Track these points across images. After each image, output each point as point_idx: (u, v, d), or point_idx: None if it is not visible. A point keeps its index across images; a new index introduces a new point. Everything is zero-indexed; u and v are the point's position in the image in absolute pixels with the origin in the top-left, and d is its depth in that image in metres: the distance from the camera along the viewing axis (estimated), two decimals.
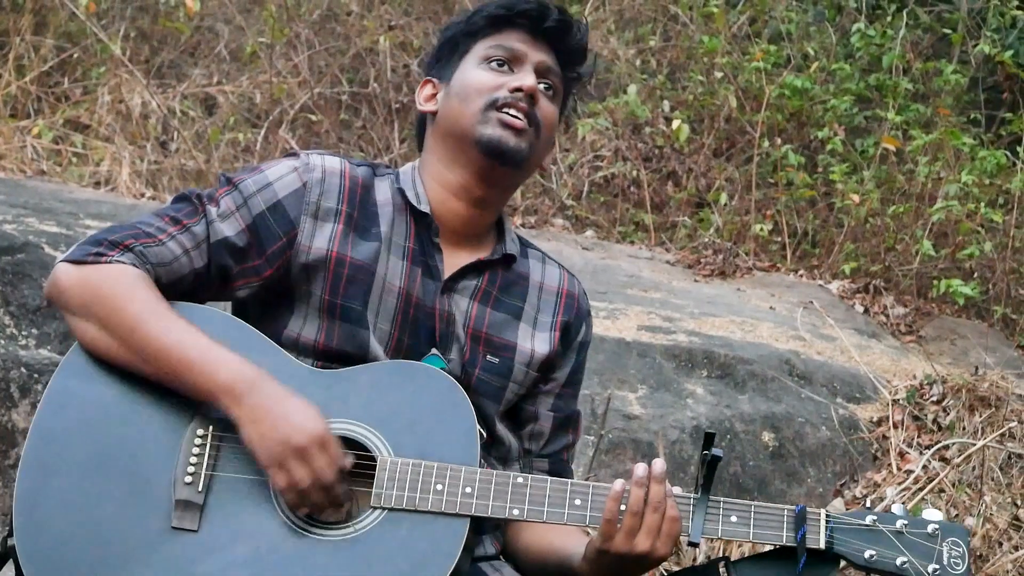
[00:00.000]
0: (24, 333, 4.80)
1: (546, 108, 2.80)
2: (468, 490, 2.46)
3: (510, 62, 2.80)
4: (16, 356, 4.65)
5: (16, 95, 8.18)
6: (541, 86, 2.79)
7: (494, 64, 2.80)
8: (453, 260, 2.78)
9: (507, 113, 2.72)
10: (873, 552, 2.50)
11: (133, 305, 2.49)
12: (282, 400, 2.44)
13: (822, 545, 2.51)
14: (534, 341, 2.82)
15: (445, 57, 2.90)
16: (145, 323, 2.47)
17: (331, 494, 2.42)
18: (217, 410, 2.47)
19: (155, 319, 2.48)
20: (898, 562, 2.50)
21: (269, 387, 2.45)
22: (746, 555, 2.74)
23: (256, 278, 2.66)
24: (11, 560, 2.40)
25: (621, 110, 8.69)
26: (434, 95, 2.87)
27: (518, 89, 2.74)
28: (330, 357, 2.63)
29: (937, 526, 2.52)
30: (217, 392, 2.44)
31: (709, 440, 2.51)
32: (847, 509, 5.27)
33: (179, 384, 2.47)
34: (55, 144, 7.90)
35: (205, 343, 2.48)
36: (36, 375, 4.55)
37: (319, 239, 2.67)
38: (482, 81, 2.77)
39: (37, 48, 8.47)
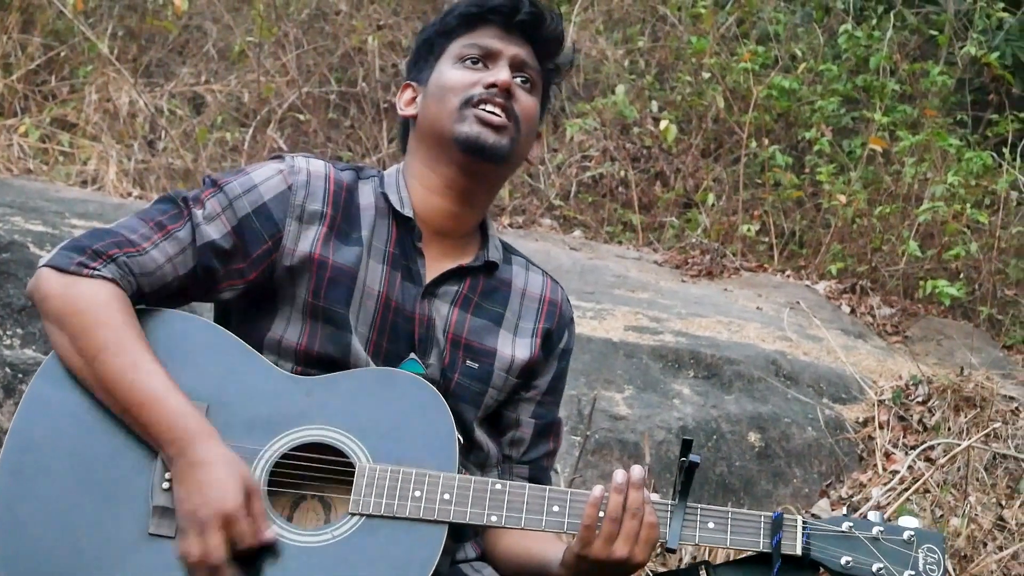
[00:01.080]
0: (9, 333, 4.79)
1: (524, 101, 2.80)
2: (446, 496, 2.46)
3: (484, 59, 2.80)
4: (0, 356, 4.64)
5: (3, 93, 8.16)
6: (517, 80, 2.79)
7: (468, 62, 2.80)
8: (435, 265, 2.77)
9: (484, 109, 2.72)
10: (849, 559, 2.51)
11: (102, 331, 2.48)
12: (207, 467, 2.39)
13: (799, 551, 2.51)
14: (514, 347, 2.82)
15: (422, 60, 2.90)
16: (107, 353, 2.46)
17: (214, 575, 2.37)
18: None
19: (118, 352, 2.47)
20: (874, 568, 2.51)
21: (205, 449, 2.41)
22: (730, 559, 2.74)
23: (241, 280, 2.66)
24: None
25: (609, 110, 8.71)
26: (413, 99, 2.88)
27: (493, 85, 2.73)
28: (312, 360, 2.62)
29: (913, 533, 2.53)
30: (159, 443, 2.43)
31: (687, 446, 2.52)
32: (833, 509, 5.28)
33: (129, 421, 2.46)
34: (42, 143, 7.88)
35: (158, 390, 2.45)
36: (21, 375, 4.54)
37: (303, 242, 2.66)
38: (457, 79, 2.77)
39: (24, 46, 8.45)
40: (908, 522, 2.55)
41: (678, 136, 8.55)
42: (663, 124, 8.36)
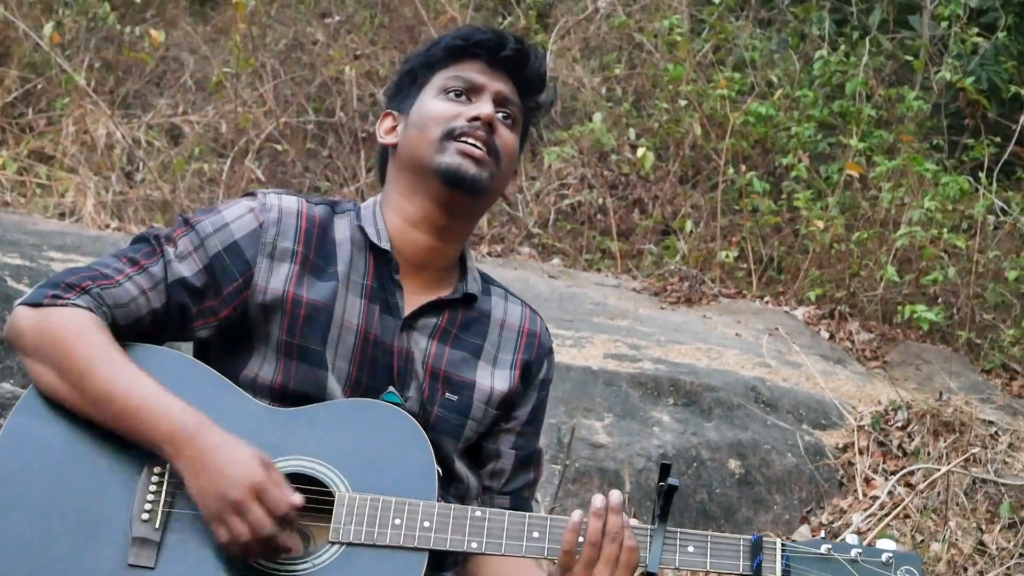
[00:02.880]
0: None
1: (505, 137, 2.80)
2: (426, 524, 2.46)
3: (468, 92, 2.80)
4: None
5: None
6: (499, 115, 2.79)
7: (452, 94, 2.80)
8: (414, 298, 2.77)
9: (465, 142, 2.72)
10: None
11: (84, 350, 2.48)
12: (220, 450, 2.41)
13: (779, 574, 2.52)
14: (493, 379, 2.81)
15: (404, 89, 2.90)
16: (94, 368, 2.47)
17: (271, 545, 2.40)
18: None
19: (104, 365, 2.47)
20: None
21: (209, 436, 2.43)
22: None
23: (214, 318, 2.66)
24: None
25: (587, 138, 8.73)
26: (394, 127, 2.87)
27: (476, 118, 2.74)
28: (287, 397, 2.62)
29: (891, 555, 2.55)
30: (159, 441, 2.43)
31: (665, 471, 2.54)
32: (813, 535, 5.27)
33: (124, 431, 2.46)
34: (19, 175, 7.87)
35: (151, 391, 2.47)
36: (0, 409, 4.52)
37: (275, 280, 2.66)
38: (440, 111, 2.77)
39: (1, 79, 8.46)
40: (886, 544, 2.57)
41: (656, 163, 8.57)
42: (640, 151, 8.37)
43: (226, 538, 2.39)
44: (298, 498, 2.42)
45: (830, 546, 2.55)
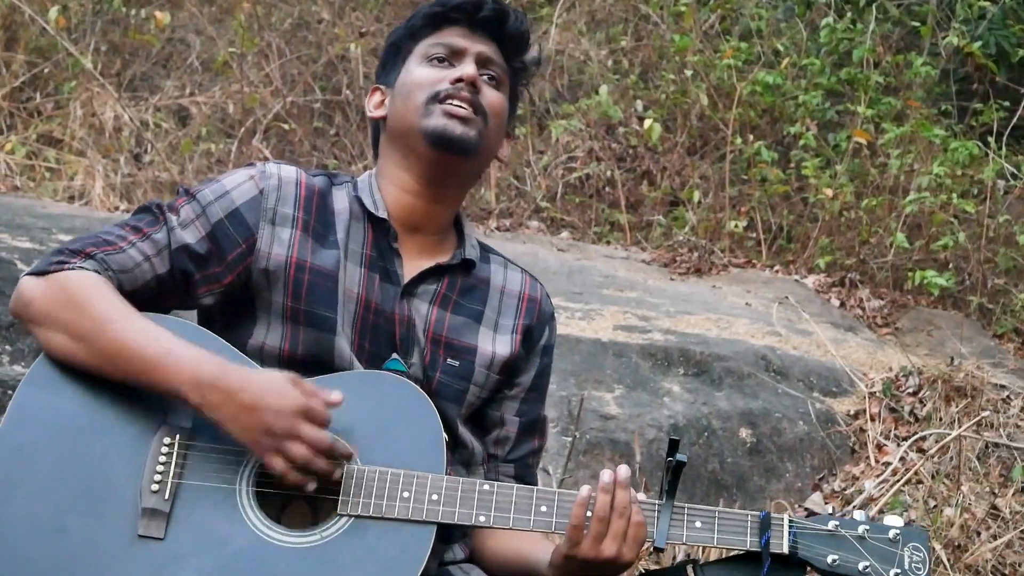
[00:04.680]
0: None
1: (491, 96, 2.82)
2: (435, 497, 2.47)
3: (450, 57, 2.83)
4: None
5: None
6: (484, 76, 2.82)
7: (435, 61, 2.83)
8: (413, 265, 2.79)
9: (451, 104, 2.74)
10: (836, 557, 2.53)
11: (97, 308, 2.49)
12: (250, 385, 2.43)
13: (785, 550, 2.53)
14: (495, 344, 2.83)
15: (389, 63, 2.93)
16: (109, 324, 2.48)
17: (334, 453, 2.44)
18: (184, 417, 2.48)
19: (119, 320, 2.49)
20: (860, 567, 2.52)
21: (233, 376, 2.44)
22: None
23: (218, 284, 2.67)
24: None
25: (594, 111, 8.71)
26: (382, 101, 2.91)
27: (459, 80, 2.76)
28: (296, 364, 2.62)
29: (898, 531, 2.55)
30: (182, 389, 2.44)
31: (673, 446, 2.54)
32: (826, 503, 5.28)
33: (146, 383, 2.47)
34: (28, 159, 7.89)
35: (168, 341, 2.47)
36: (11, 391, 4.51)
37: (278, 245, 2.68)
38: (424, 77, 2.80)
39: (8, 64, 8.46)
40: (893, 521, 2.57)
41: (663, 134, 8.56)
42: (648, 123, 8.37)
43: (284, 467, 2.41)
44: (336, 395, 2.46)
45: (837, 523, 2.56)
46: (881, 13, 9.14)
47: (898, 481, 5.26)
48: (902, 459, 5.40)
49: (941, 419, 5.69)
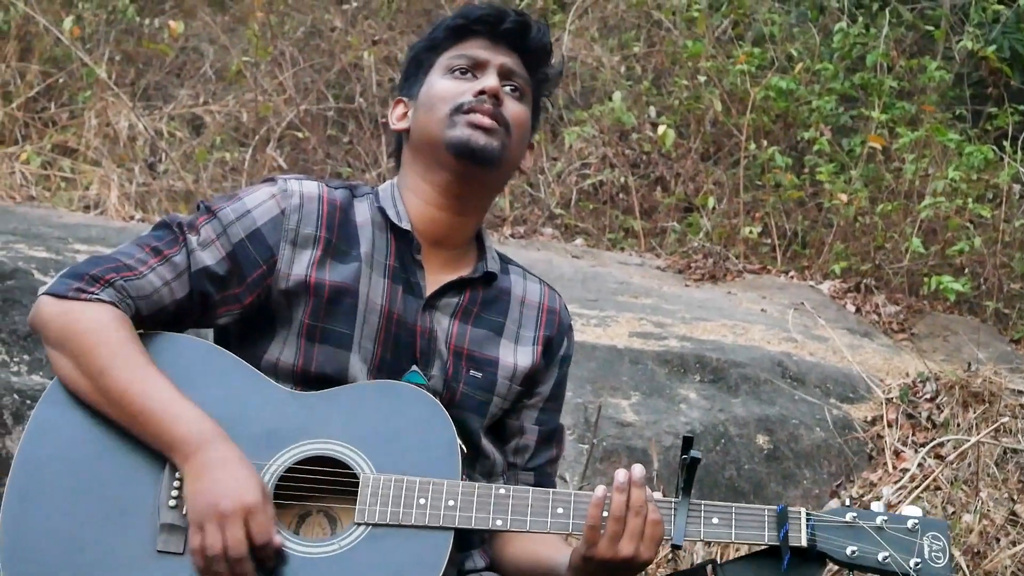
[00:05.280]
0: (16, 359, 4.80)
1: (513, 108, 2.82)
2: (451, 503, 2.48)
3: (473, 69, 2.83)
4: (8, 383, 4.65)
5: (3, 121, 8.18)
6: (506, 88, 2.82)
7: (457, 73, 2.83)
8: (435, 278, 2.80)
9: (474, 115, 2.75)
10: (855, 548, 2.52)
11: (105, 348, 2.51)
12: (227, 463, 2.43)
13: (804, 543, 2.53)
14: (516, 355, 2.84)
15: (412, 75, 2.93)
16: (113, 368, 2.49)
17: (236, 570, 2.40)
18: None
19: (122, 365, 2.50)
20: (880, 557, 2.52)
21: (220, 449, 2.45)
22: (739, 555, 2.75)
23: (237, 305, 2.68)
24: None
25: (607, 117, 8.70)
26: (405, 113, 2.91)
27: (481, 92, 2.77)
28: (309, 380, 2.64)
29: (917, 521, 2.55)
30: (171, 445, 2.46)
31: (688, 443, 2.54)
32: None
33: (139, 432, 2.49)
34: (43, 169, 7.90)
35: (168, 396, 2.49)
36: (29, 401, 4.54)
37: (298, 266, 2.68)
38: (447, 89, 2.80)
39: (23, 74, 8.49)
40: (912, 511, 2.56)
41: (677, 140, 8.54)
42: (661, 129, 8.35)
43: (195, 545, 2.40)
44: (278, 540, 2.42)
45: (855, 514, 2.55)
46: (894, 17, 9.12)
47: (916, 487, 5.24)
48: (920, 465, 5.37)
49: (959, 425, 5.66)
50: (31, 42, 8.66)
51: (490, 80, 2.78)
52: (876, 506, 2.57)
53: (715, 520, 2.55)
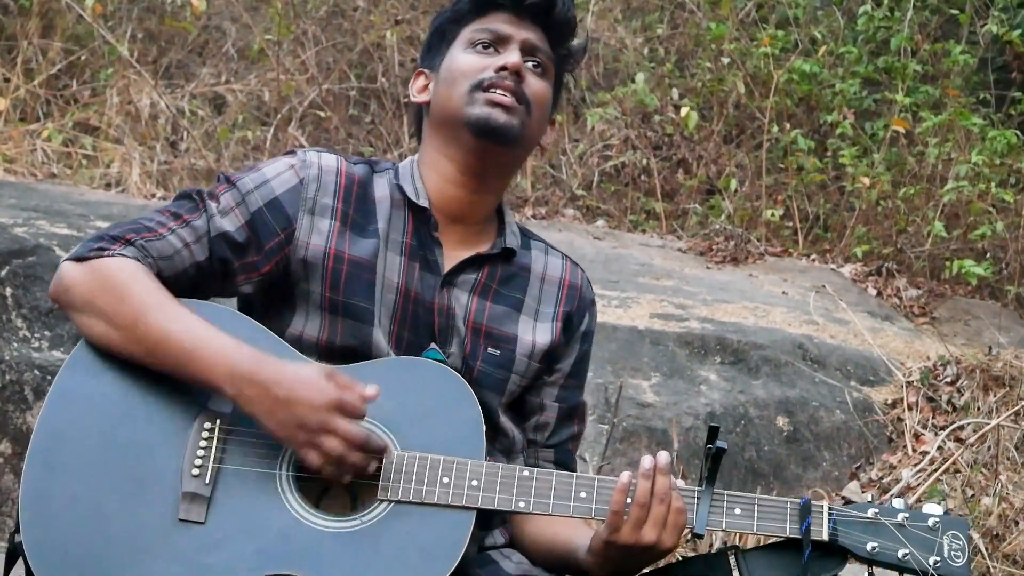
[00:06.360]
0: (37, 335, 4.83)
1: (535, 85, 2.79)
2: (474, 483, 2.47)
3: (495, 44, 2.80)
4: (29, 358, 4.68)
5: (25, 99, 8.21)
6: (529, 64, 2.78)
7: (479, 47, 2.80)
8: (453, 254, 2.78)
9: (494, 92, 2.72)
10: (875, 544, 2.52)
11: (136, 296, 2.50)
12: (283, 379, 2.43)
13: (825, 537, 2.52)
14: (535, 332, 2.82)
15: (434, 47, 2.90)
16: (147, 314, 2.48)
17: (368, 447, 2.43)
18: (224, 402, 2.48)
19: (157, 310, 2.49)
20: (900, 554, 2.52)
21: (268, 369, 2.45)
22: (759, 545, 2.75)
23: (256, 274, 2.67)
24: (21, 556, 2.41)
25: (630, 99, 8.70)
26: (426, 86, 2.88)
27: (503, 68, 2.73)
28: (334, 354, 2.62)
29: (937, 519, 2.54)
30: (218, 382, 2.45)
31: (713, 433, 2.54)
32: (863, 492, 5.27)
33: (183, 374, 2.48)
34: (65, 147, 7.93)
35: (205, 332, 2.48)
36: (50, 377, 4.57)
37: (316, 236, 2.68)
38: (468, 64, 2.77)
39: (45, 51, 8.51)
40: (933, 509, 2.56)
41: (699, 123, 8.54)
42: (684, 111, 8.35)
43: (319, 461, 2.41)
44: (372, 389, 2.45)
45: (877, 510, 2.55)
46: (919, 1, 9.08)
47: (936, 470, 5.24)
48: (940, 448, 5.37)
49: (979, 408, 5.66)
50: (53, 19, 8.68)
51: (512, 56, 2.75)
52: (897, 503, 2.57)
53: (737, 511, 2.54)
